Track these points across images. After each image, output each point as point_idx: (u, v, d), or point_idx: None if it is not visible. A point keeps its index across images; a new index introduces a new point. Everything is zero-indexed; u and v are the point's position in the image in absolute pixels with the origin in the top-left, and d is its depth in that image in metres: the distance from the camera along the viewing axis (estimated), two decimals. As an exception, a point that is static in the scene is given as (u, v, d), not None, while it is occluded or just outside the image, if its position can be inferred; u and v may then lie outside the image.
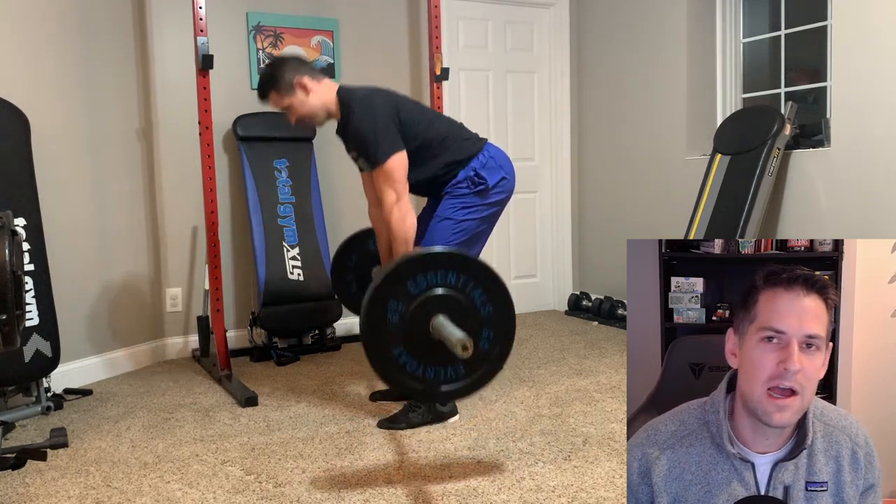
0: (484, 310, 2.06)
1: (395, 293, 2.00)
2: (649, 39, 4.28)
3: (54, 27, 3.22)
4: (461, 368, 2.06)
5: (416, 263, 2.02)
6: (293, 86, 2.64)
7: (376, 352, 2.02)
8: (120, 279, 3.58)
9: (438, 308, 2.01)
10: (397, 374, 2.03)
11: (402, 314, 2.00)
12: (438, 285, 2.02)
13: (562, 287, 5.02)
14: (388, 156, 2.55)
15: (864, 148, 3.17)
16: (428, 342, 2.01)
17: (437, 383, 2.05)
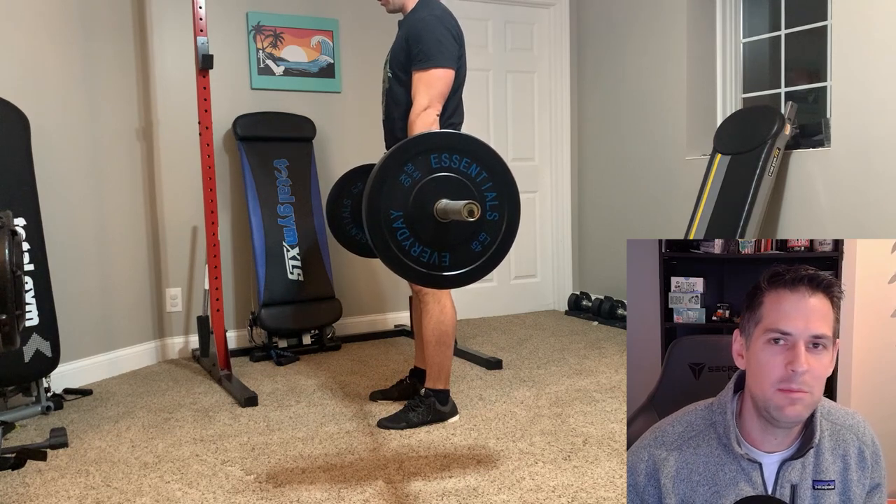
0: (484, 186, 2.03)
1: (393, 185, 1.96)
2: (649, 39, 4.28)
3: (54, 27, 3.22)
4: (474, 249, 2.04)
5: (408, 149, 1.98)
6: None
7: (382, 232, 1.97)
8: (120, 279, 3.58)
9: (439, 191, 1.98)
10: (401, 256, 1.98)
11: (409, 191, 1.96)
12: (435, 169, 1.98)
13: (562, 287, 5.02)
14: (440, 65, 2.46)
15: (864, 148, 3.17)
16: (432, 225, 1.97)
17: (438, 268, 2.02)
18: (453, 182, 2.00)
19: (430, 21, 2.50)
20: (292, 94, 4.07)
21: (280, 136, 3.95)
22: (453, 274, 2.03)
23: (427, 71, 2.47)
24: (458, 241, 1.97)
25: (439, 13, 2.55)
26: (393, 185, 1.96)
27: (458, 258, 2.03)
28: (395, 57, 2.62)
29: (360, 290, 4.31)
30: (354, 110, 4.24)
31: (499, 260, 2.09)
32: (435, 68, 2.46)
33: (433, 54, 2.46)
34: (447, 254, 2.02)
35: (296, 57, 4.07)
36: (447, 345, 2.68)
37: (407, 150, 1.98)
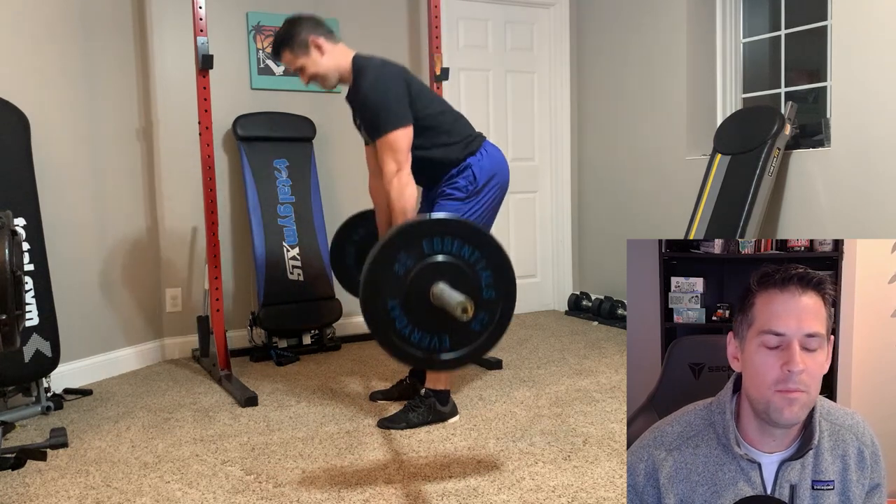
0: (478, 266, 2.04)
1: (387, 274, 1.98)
2: (649, 39, 4.28)
3: (54, 27, 3.22)
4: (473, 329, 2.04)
5: (401, 238, 1.99)
6: (308, 45, 2.62)
7: (379, 322, 1.99)
8: (120, 279, 3.58)
9: (440, 275, 1.99)
10: (400, 343, 2.01)
11: (403, 280, 1.98)
12: (428, 254, 2.00)
13: (562, 287, 5.02)
14: (394, 127, 2.52)
15: (864, 148, 3.17)
16: (429, 309, 1.99)
17: (437, 351, 2.03)
18: (448, 265, 2.01)
19: (369, 93, 2.56)
20: (292, 94, 4.07)
21: (280, 136, 3.95)
22: (453, 356, 2.05)
23: (384, 138, 2.54)
24: (456, 323, 1.97)
25: (373, 76, 2.57)
26: (388, 275, 1.98)
27: (458, 339, 2.04)
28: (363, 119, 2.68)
29: (360, 290, 4.31)
30: (354, 110, 4.24)
31: (498, 338, 2.12)
32: (391, 132, 2.53)
33: (383, 122, 2.54)
34: (447, 336, 2.03)
35: (296, 57, 4.07)
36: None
37: (399, 238, 2.00)
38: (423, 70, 4.39)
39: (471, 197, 2.67)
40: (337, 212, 4.19)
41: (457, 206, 2.66)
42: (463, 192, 2.67)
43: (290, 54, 2.65)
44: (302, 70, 2.67)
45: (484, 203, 2.69)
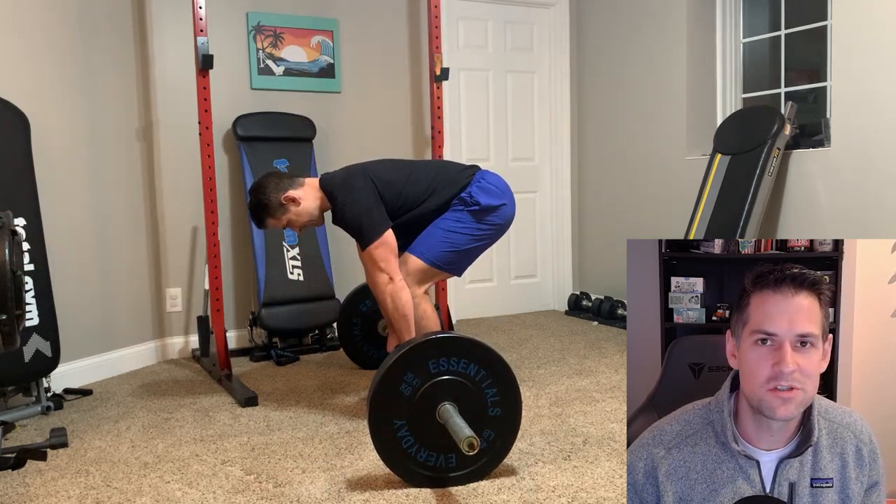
0: (484, 384, 2.11)
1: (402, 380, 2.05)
2: (649, 39, 4.28)
3: (54, 27, 3.22)
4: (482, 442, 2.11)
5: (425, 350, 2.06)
6: (283, 204, 2.70)
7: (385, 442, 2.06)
8: (120, 279, 3.58)
9: (446, 393, 2.06)
10: (408, 463, 2.08)
11: (409, 401, 2.05)
12: (446, 371, 2.07)
13: (562, 287, 5.02)
14: (375, 238, 2.60)
15: (864, 148, 3.17)
16: (436, 429, 2.06)
17: (445, 470, 2.10)
18: (454, 384, 2.07)
19: (344, 215, 2.66)
20: (292, 94, 4.08)
21: (280, 136, 3.95)
22: (459, 475, 2.11)
23: (369, 251, 2.62)
24: None
25: (341, 199, 2.65)
26: (395, 395, 2.03)
27: (464, 458, 2.09)
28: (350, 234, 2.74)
29: (360, 290, 4.31)
30: (354, 110, 4.24)
31: (504, 454, 2.18)
32: (373, 243, 2.60)
33: (365, 233, 2.62)
34: (453, 455, 2.09)
35: (296, 57, 4.07)
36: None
37: (405, 359, 2.04)
38: (423, 70, 4.40)
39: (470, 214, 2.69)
40: (337, 212, 4.19)
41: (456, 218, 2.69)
42: (461, 207, 2.70)
43: (273, 220, 2.74)
44: (291, 225, 2.76)
45: (480, 225, 2.71)
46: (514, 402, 2.15)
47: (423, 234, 2.70)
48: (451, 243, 2.67)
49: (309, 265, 3.89)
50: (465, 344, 2.09)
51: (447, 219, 2.70)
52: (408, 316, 2.60)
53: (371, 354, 3.49)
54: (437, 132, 3.89)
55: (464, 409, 2.06)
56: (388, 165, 2.79)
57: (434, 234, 2.69)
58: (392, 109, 4.36)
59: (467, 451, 1.91)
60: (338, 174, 2.74)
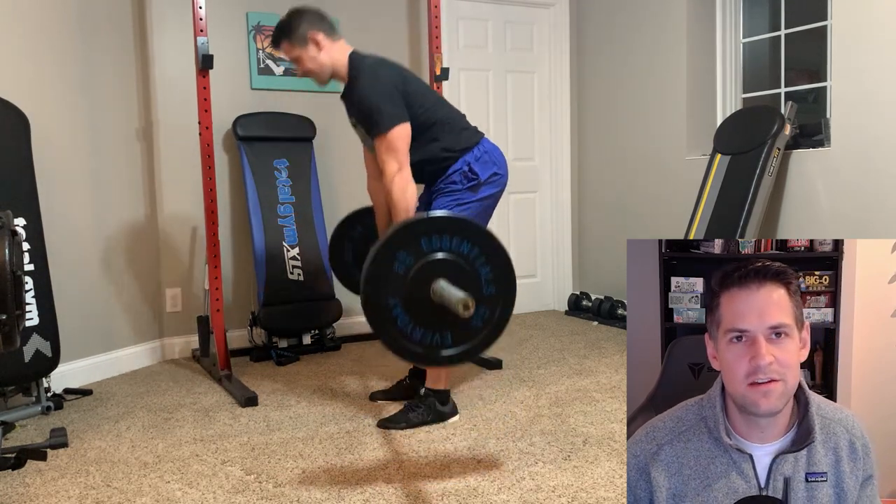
0: (478, 262, 2.04)
1: (387, 273, 1.98)
2: (649, 39, 4.28)
3: (54, 27, 3.22)
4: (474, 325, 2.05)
5: (399, 237, 2.00)
6: (307, 39, 2.64)
7: (380, 321, 2.00)
8: (120, 279, 3.58)
9: (439, 272, 2.00)
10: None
11: (400, 292, 1.98)
12: (427, 252, 2.00)
13: (562, 287, 5.02)
14: (392, 126, 2.52)
15: (864, 148, 3.17)
16: (430, 307, 2.00)
17: (438, 347, 2.04)
18: (447, 263, 2.02)
19: (366, 91, 2.57)
20: (292, 94, 4.07)
21: (280, 136, 3.95)
22: (454, 352, 2.06)
23: (384, 136, 2.54)
24: (457, 319, 1.97)
25: (370, 75, 2.59)
26: (387, 275, 1.98)
27: (460, 335, 2.05)
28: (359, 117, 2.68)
29: (360, 290, 4.31)
30: (354, 110, 4.24)
31: (499, 333, 2.13)
32: (389, 130, 2.53)
33: (380, 120, 2.53)
34: (448, 332, 2.04)
35: (296, 57, 4.06)
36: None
37: (398, 237, 2.00)
38: (423, 70, 4.39)
39: (469, 190, 2.67)
40: (337, 212, 4.18)
41: (454, 199, 2.66)
42: (460, 185, 2.67)
43: (288, 45, 2.68)
44: (298, 62, 2.70)
45: (482, 199, 2.69)
46: (509, 281, 2.08)
47: None
48: None
49: (309, 265, 3.89)
50: (458, 222, 2.05)
51: (448, 204, 2.66)
52: (410, 209, 2.53)
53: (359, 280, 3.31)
54: (437, 132, 3.88)
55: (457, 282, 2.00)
56: (420, 84, 2.72)
57: None
58: (392, 109, 4.35)
59: (463, 312, 1.86)
60: (371, 57, 2.66)
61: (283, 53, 2.73)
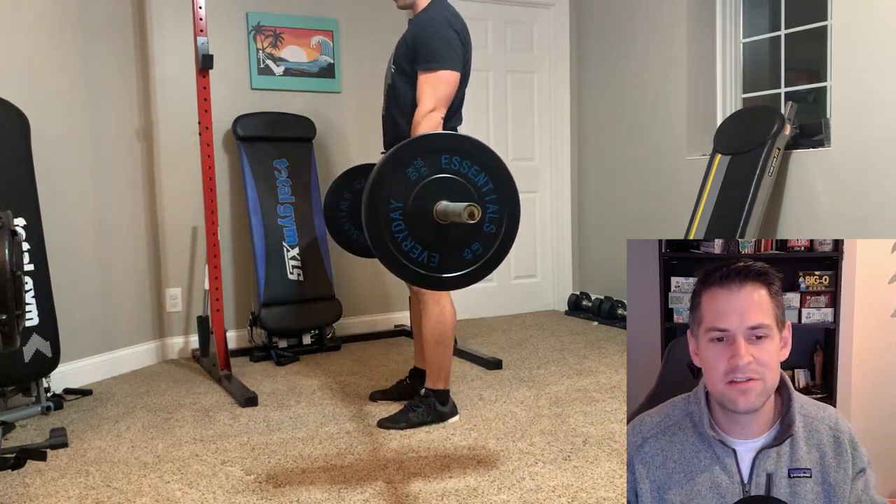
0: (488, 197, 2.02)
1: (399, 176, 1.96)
2: (649, 39, 4.28)
3: (54, 27, 3.22)
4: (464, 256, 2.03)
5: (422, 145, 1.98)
6: None
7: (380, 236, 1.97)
8: (120, 279, 3.58)
9: (442, 192, 1.97)
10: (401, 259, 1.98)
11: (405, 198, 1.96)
12: (444, 170, 1.99)
13: (562, 287, 5.02)
14: (447, 67, 2.45)
15: (864, 148, 3.17)
16: (432, 228, 1.98)
17: (440, 270, 2.01)
18: (458, 185, 1.99)
19: (440, 22, 2.49)
20: (292, 94, 4.07)
21: (280, 136, 3.95)
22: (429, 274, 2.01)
23: (434, 72, 2.45)
24: (451, 245, 1.96)
25: (449, 15, 2.55)
26: (399, 176, 1.96)
27: (448, 262, 2.02)
28: (402, 52, 2.61)
29: (360, 290, 4.31)
30: (354, 110, 4.24)
31: (488, 271, 2.08)
32: (441, 69, 2.45)
33: (440, 56, 2.45)
34: (437, 255, 2.01)
35: (296, 57, 4.07)
36: (447, 345, 2.68)
37: (420, 144, 1.98)
38: (423, 70, 4.39)
39: None
40: (337, 212, 4.19)
41: None
42: None
43: None
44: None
45: None
46: (512, 224, 2.06)
47: None
48: None
49: (309, 265, 3.89)
50: (483, 151, 2.02)
51: None
52: None
53: (353, 237, 3.30)
54: (437, 132, 3.88)
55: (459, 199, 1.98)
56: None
57: None
58: (392, 109, 4.35)
59: (468, 219, 1.85)
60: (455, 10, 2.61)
61: None
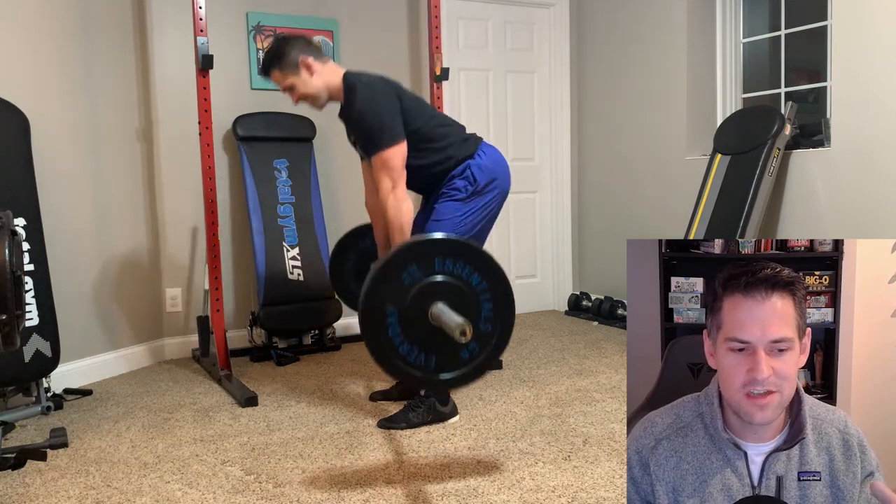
0: (483, 296, 2.05)
1: (393, 281, 1.99)
2: (649, 39, 4.28)
3: (54, 27, 3.22)
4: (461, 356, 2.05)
5: (415, 250, 2.01)
6: (297, 65, 2.63)
7: (377, 342, 2.01)
8: (120, 279, 3.58)
9: (437, 295, 2.00)
10: (397, 362, 2.02)
11: (400, 303, 1.99)
12: (437, 272, 2.01)
13: (562, 287, 5.02)
14: (388, 145, 2.53)
15: (864, 148, 3.17)
16: (427, 330, 2.00)
17: (437, 371, 2.04)
18: (453, 288, 2.02)
19: (362, 110, 2.57)
20: (292, 94, 4.07)
21: (280, 136, 3.95)
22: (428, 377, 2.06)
23: (379, 155, 2.55)
24: (447, 346, 1.98)
25: (365, 94, 2.58)
26: (394, 282, 1.99)
27: (445, 363, 2.05)
28: (353, 140, 2.73)
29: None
30: (354, 110, 4.24)
31: (486, 369, 2.12)
32: (385, 149, 2.54)
33: (377, 140, 2.55)
34: (434, 356, 2.05)
35: (296, 57, 4.07)
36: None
37: (415, 250, 2.02)
38: (423, 70, 4.40)
39: (470, 198, 2.67)
40: (337, 212, 4.19)
41: (455, 207, 2.66)
42: (463, 193, 2.67)
43: (279, 73, 2.66)
44: (292, 89, 2.68)
45: (483, 206, 2.69)
46: (507, 325, 2.09)
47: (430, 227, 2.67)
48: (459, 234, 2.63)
49: (309, 265, 3.89)
50: (475, 253, 2.06)
51: (449, 209, 2.66)
52: (405, 226, 2.54)
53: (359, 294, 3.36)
54: (437, 132, 3.88)
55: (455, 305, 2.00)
56: (414, 98, 2.72)
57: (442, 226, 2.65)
58: (392, 109, 4.35)
59: (459, 338, 1.86)
60: (365, 75, 2.66)
61: (274, 82, 2.71)
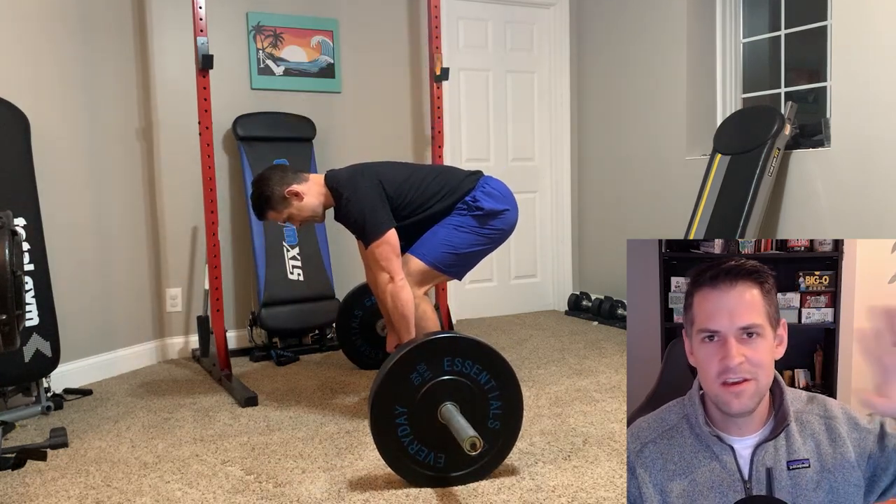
0: (491, 395, 2.11)
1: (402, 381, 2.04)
2: (649, 39, 4.28)
3: (54, 27, 3.22)
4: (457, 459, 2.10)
5: (424, 349, 2.06)
6: (285, 198, 2.68)
7: (387, 446, 2.07)
8: (120, 279, 3.58)
9: (447, 395, 2.06)
10: (409, 464, 2.09)
11: (410, 403, 2.05)
12: (446, 372, 2.07)
13: (562, 287, 5.02)
14: (378, 237, 2.59)
15: (864, 148, 3.17)
16: (437, 428, 2.06)
17: (447, 470, 2.10)
18: (462, 387, 2.07)
19: (349, 209, 2.64)
20: (292, 94, 4.08)
21: (280, 136, 3.95)
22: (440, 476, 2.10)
23: (371, 250, 2.62)
24: (456, 445, 2.00)
25: (347, 194, 2.64)
26: (404, 382, 2.04)
27: (454, 461, 2.10)
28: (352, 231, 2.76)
29: (360, 290, 4.31)
30: (354, 110, 4.24)
31: (495, 466, 2.17)
32: (376, 241, 2.60)
33: (369, 232, 2.62)
34: (444, 455, 2.10)
35: (296, 57, 4.07)
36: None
37: (423, 350, 2.05)
38: (423, 70, 4.40)
39: (472, 217, 2.71)
40: (337, 212, 4.19)
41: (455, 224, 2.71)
42: (465, 210, 2.72)
43: (274, 213, 2.73)
44: (291, 219, 2.74)
45: (483, 230, 2.72)
46: (516, 423, 2.16)
47: (426, 236, 2.71)
48: (452, 246, 2.68)
49: (309, 265, 3.89)
50: (484, 351, 2.10)
51: (449, 222, 2.71)
52: (408, 315, 2.60)
53: (368, 354, 3.50)
54: (437, 132, 3.89)
55: (464, 414, 2.06)
56: (395, 167, 2.79)
57: (436, 236, 2.70)
58: (392, 109, 4.36)
59: (469, 450, 1.90)
60: (343, 171, 2.74)
61: (273, 220, 2.78)
